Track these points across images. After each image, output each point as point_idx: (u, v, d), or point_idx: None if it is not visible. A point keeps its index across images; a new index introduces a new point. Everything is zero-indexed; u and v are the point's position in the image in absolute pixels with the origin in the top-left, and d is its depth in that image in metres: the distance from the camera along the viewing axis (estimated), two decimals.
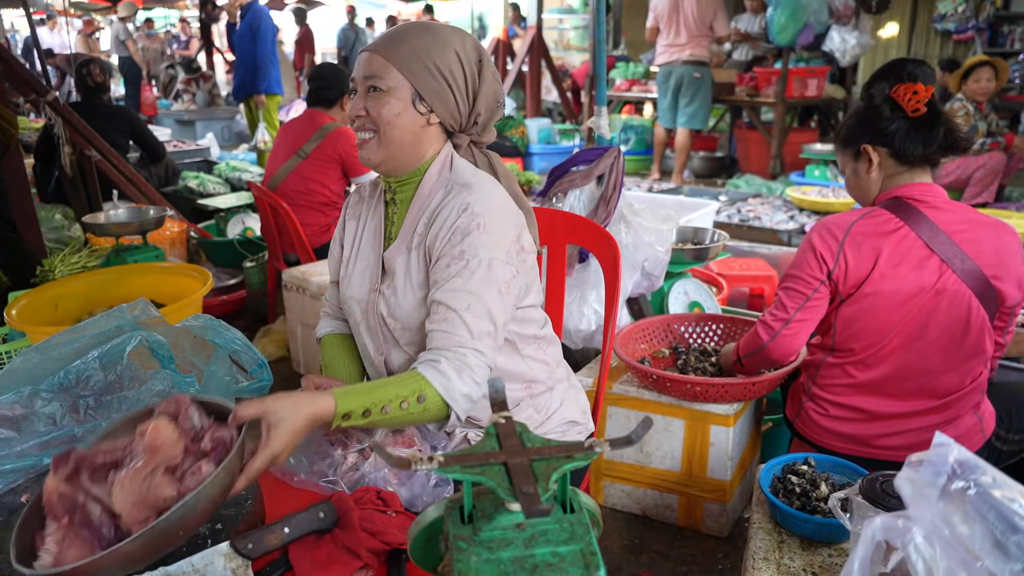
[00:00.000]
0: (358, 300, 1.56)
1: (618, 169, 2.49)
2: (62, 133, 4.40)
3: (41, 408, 1.44)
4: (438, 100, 1.43)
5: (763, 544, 1.61)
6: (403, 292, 1.47)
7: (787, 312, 1.95)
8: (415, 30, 1.44)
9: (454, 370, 1.33)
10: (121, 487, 1.10)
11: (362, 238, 1.60)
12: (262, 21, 7.07)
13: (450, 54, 1.42)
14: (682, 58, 7.13)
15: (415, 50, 1.41)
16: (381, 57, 1.41)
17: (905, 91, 1.81)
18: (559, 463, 0.90)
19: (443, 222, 1.42)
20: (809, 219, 5.66)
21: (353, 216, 1.64)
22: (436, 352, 1.36)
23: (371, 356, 1.58)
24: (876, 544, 0.76)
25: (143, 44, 12.93)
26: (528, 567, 0.85)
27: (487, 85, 1.48)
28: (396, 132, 1.43)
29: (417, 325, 1.47)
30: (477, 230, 1.39)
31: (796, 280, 1.94)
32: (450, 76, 1.43)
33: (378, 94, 1.42)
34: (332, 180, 3.64)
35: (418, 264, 1.46)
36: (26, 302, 2.72)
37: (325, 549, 1.21)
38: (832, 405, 1.98)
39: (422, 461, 0.87)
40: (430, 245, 1.43)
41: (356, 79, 1.45)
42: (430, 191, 1.48)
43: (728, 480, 2.29)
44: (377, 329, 1.54)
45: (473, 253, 1.38)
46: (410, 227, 1.49)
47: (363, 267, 1.57)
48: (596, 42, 2.64)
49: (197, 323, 1.68)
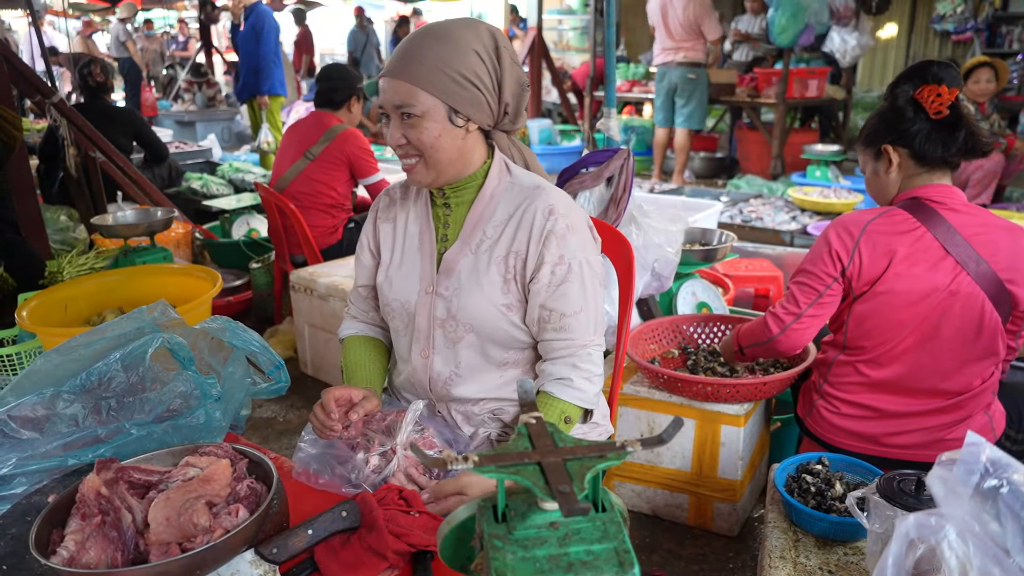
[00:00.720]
0: (404, 302, 1.57)
1: (628, 171, 2.50)
2: (67, 134, 4.41)
3: (63, 409, 1.45)
4: (472, 107, 1.42)
5: (779, 543, 1.62)
6: (468, 293, 1.49)
7: (799, 307, 1.97)
8: (429, 41, 1.39)
9: (584, 379, 1.48)
10: (167, 499, 1.13)
11: (405, 241, 1.59)
12: (265, 22, 7.08)
13: (471, 57, 1.39)
14: (676, 59, 7.17)
15: (436, 65, 1.37)
16: (406, 83, 1.38)
17: (929, 93, 1.82)
18: (592, 462, 0.91)
19: (531, 225, 1.45)
20: (811, 219, 5.68)
21: (386, 219, 1.63)
22: (561, 363, 1.49)
23: (411, 358, 1.58)
24: (909, 541, 0.77)
25: (142, 45, 12.93)
26: (563, 565, 0.86)
27: (508, 71, 1.44)
28: (441, 153, 1.43)
29: (485, 325, 1.50)
30: (569, 232, 1.45)
31: (809, 275, 1.95)
32: (476, 79, 1.40)
33: (413, 120, 1.40)
34: (339, 182, 3.65)
35: (487, 266, 1.49)
36: (36, 303, 2.72)
37: (351, 551, 1.21)
38: (843, 403, 2.00)
39: (457, 460, 0.88)
40: (519, 250, 1.46)
41: (386, 107, 1.43)
42: (492, 194, 1.51)
43: (739, 480, 2.31)
44: (427, 331, 1.54)
45: (572, 256, 1.46)
46: (473, 229, 1.51)
47: (411, 269, 1.56)
48: (606, 44, 2.65)
49: (215, 325, 1.68)
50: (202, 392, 1.49)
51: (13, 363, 2.81)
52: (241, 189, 5.95)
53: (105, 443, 1.39)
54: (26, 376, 1.49)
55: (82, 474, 1.31)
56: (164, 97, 11.65)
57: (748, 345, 2.13)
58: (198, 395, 1.49)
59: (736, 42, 8.50)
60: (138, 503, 1.17)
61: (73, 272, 3.35)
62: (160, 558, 1.08)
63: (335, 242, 3.75)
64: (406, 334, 1.59)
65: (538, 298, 1.47)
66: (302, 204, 3.61)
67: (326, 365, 3.46)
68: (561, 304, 1.46)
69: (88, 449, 1.39)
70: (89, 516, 1.12)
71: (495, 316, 1.49)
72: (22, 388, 1.46)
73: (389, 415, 1.50)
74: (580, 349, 1.49)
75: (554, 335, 1.49)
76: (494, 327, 1.50)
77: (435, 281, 1.53)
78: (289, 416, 3.28)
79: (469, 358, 1.53)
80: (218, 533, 1.11)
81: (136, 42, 12.23)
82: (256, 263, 4.23)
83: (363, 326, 1.74)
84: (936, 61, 1.90)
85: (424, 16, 14.32)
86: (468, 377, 1.55)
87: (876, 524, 1.35)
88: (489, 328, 1.50)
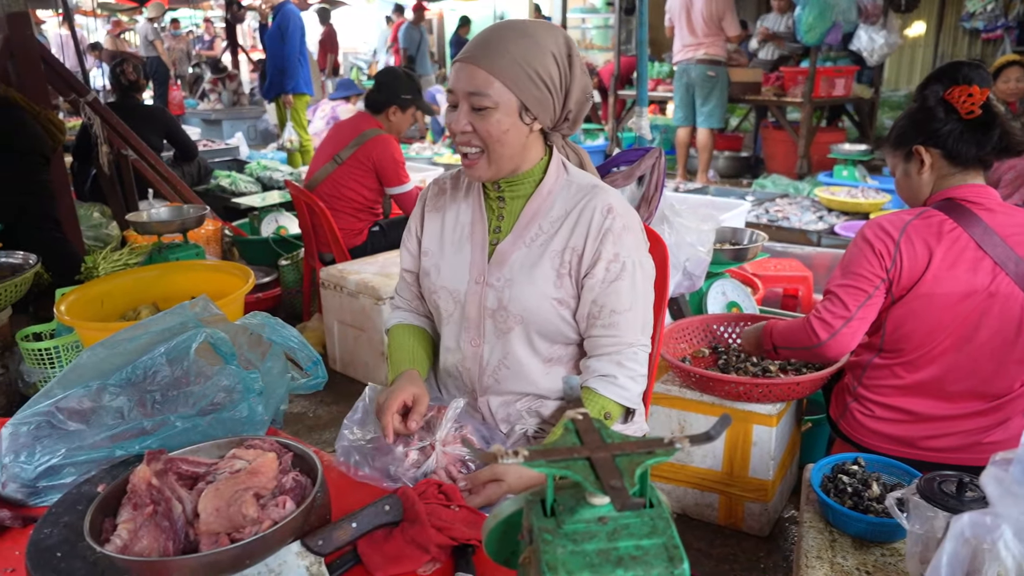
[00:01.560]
0: (452, 291, 1.59)
1: (659, 170, 2.50)
2: (100, 133, 4.47)
3: (109, 402, 1.47)
4: (540, 107, 1.44)
5: (815, 543, 1.62)
6: (520, 285, 1.51)
7: (848, 310, 1.92)
8: (512, 36, 1.41)
9: (629, 378, 1.49)
10: (216, 491, 1.16)
11: (454, 230, 1.61)
12: (290, 21, 7.14)
13: (548, 58, 1.42)
14: (696, 57, 7.15)
15: (517, 60, 1.39)
16: (484, 71, 1.39)
17: (960, 93, 1.81)
18: (641, 458, 0.92)
19: (589, 223, 1.48)
20: (839, 219, 5.63)
21: (435, 209, 1.65)
22: (607, 360, 1.49)
23: (460, 347, 1.61)
24: (964, 540, 0.77)
25: (169, 44, 13.07)
26: (613, 559, 0.87)
27: (577, 79, 1.47)
28: (505, 148, 1.44)
29: (536, 317, 1.52)
30: (625, 231, 1.48)
31: (857, 277, 1.91)
32: (550, 81, 1.42)
33: (485, 111, 1.41)
34: (367, 188, 3.66)
35: (540, 259, 1.51)
36: (74, 298, 2.77)
37: (394, 544, 1.23)
38: (878, 406, 1.98)
39: (507, 455, 0.90)
40: (576, 246, 1.49)
41: (456, 91, 1.43)
42: (549, 191, 1.53)
43: (770, 480, 2.30)
44: (477, 321, 1.56)
45: (627, 254, 1.48)
46: (528, 223, 1.53)
47: (461, 260, 1.58)
48: (638, 42, 2.65)
49: (255, 321, 1.71)
50: (244, 386, 1.51)
51: (51, 356, 2.87)
52: (269, 187, 6.01)
53: (151, 435, 1.42)
54: (73, 369, 1.52)
55: (129, 465, 1.33)
56: (190, 96, 11.78)
57: (785, 347, 2.10)
58: (240, 389, 1.51)
59: (762, 41, 8.44)
60: (187, 494, 1.20)
61: (108, 268, 3.40)
62: (210, 548, 1.10)
63: (360, 243, 3.77)
64: (454, 322, 1.61)
65: (591, 294, 1.49)
66: (330, 206, 3.63)
67: (355, 362, 3.49)
68: (612, 301, 1.48)
69: (135, 441, 1.41)
70: (141, 506, 1.14)
71: (546, 308, 1.51)
72: (69, 381, 1.49)
73: (429, 411, 1.52)
74: (627, 348, 1.50)
75: (602, 331, 1.51)
76: (544, 319, 1.52)
77: (486, 271, 1.55)
78: (319, 412, 3.31)
79: (517, 350, 1.56)
80: (266, 524, 1.13)
81: (163, 41, 12.36)
82: (285, 260, 4.27)
83: (409, 315, 1.75)
84: (965, 62, 1.88)
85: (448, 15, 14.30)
86: (515, 369, 1.57)
87: (916, 525, 1.35)
88: (539, 320, 1.52)
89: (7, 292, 2.86)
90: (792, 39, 7.82)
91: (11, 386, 3.07)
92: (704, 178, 7.61)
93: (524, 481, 1.40)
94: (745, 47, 8.59)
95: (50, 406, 1.44)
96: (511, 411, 1.61)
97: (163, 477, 1.18)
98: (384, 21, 15.95)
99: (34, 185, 3.61)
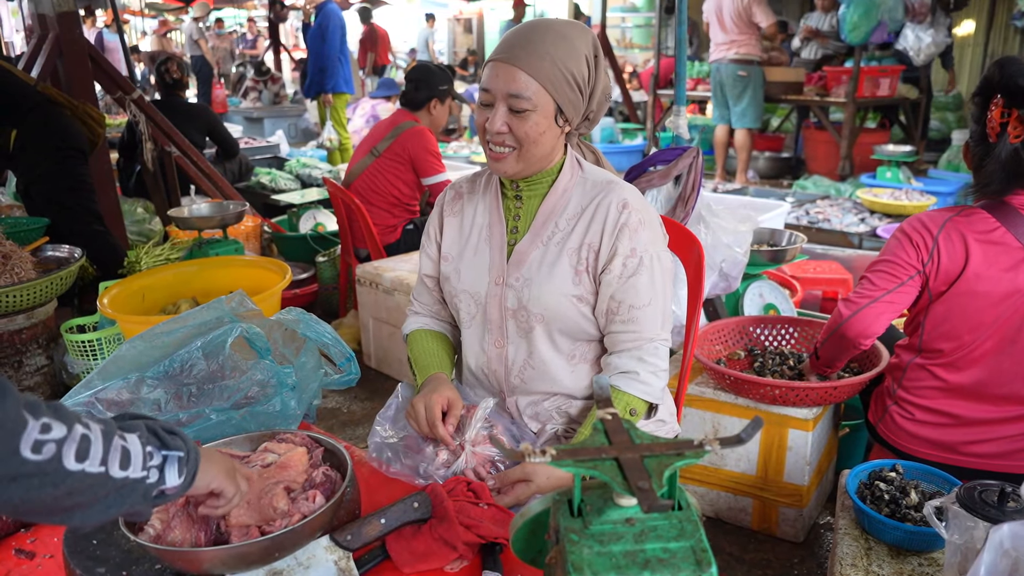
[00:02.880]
0: (473, 293, 1.59)
1: (697, 169, 2.48)
2: (145, 130, 4.56)
3: (147, 394, 1.50)
4: (574, 110, 1.45)
5: (850, 550, 1.59)
6: (538, 284, 1.51)
7: (875, 291, 1.89)
8: (551, 37, 1.41)
9: (651, 373, 1.48)
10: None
11: (472, 232, 1.61)
12: (331, 21, 7.22)
13: (581, 61, 1.43)
14: (728, 56, 7.06)
15: (556, 63, 1.39)
16: (524, 72, 1.39)
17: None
18: (670, 460, 0.91)
19: (604, 218, 1.48)
20: (881, 222, 5.53)
21: (453, 213, 1.65)
22: (628, 356, 1.48)
23: (484, 350, 1.61)
24: (1004, 552, 0.75)
25: (213, 43, 13.30)
26: (640, 561, 0.86)
27: (600, 80, 1.48)
28: (538, 149, 1.45)
29: (557, 315, 1.52)
30: (641, 226, 1.47)
31: (890, 264, 1.89)
32: (583, 84, 1.44)
33: (523, 113, 1.41)
34: (404, 181, 3.69)
35: (558, 257, 1.51)
36: (117, 292, 2.83)
37: (422, 540, 1.23)
38: (918, 409, 1.94)
39: (535, 454, 0.89)
40: (592, 242, 1.48)
41: (493, 91, 1.42)
42: (564, 189, 1.53)
43: (806, 485, 2.26)
44: (499, 322, 1.57)
45: (644, 249, 1.47)
46: (545, 222, 1.53)
47: (480, 261, 1.59)
48: (677, 41, 2.63)
49: (290, 316, 1.72)
50: (278, 381, 1.53)
51: (94, 348, 2.93)
52: (308, 184, 6.08)
53: (186, 427, 1.44)
54: (112, 361, 1.55)
55: None
56: (233, 94, 11.98)
57: (821, 341, 2.07)
58: (274, 384, 1.53)
59: (805, 39, 8.31)
60: None
61: (150, 262, 3.47)
62: (240, 540, 1.12)
63: (394, 241, 3.80)
64: (477, 325, 1.61)
65: (609, 289, 1.49)
66: (367, 200, 3.67)
67: (389, 358, 3.51)
68: (631, 296, 1.48)
69: None
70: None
71: (566, 306, 1.51)
72: (108, 372, 1.53)
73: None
74: (647, 343, 1.50)
75: (621, 327, 1.50)
76: (564, 317, 1.52)
77: (505, 272, 1.55)
78: (352, 407, 3.34)
79: (541, 349, 1.55)
80: (296, 518, 1.14)
81: (208, 40, 12.58)
82: (322, 257, 4.31)
83: (428, 320, 1.75)
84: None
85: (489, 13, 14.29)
86: (540, 368, 1.56)
87: (955, 535, 1.32)
88: (560, 318, 1.52)
89: (53, 285, 2.93)
90: (836, 38, 7.69)
91: (55, 377, 3.15)
92: (743, 178, 7.51)
93: (553, 481, 1.40)
94: (787, 46, 8.47)
95: (90, 397, 1.47)
96: (539, 410, 1.60)
97: None
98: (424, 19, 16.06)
99: (74, 180, 3.68)
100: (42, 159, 3.58)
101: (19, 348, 2.97)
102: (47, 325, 3.08)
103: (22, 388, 3.03)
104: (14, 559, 1.23)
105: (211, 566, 1.08)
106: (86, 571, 1.12)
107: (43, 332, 3.05)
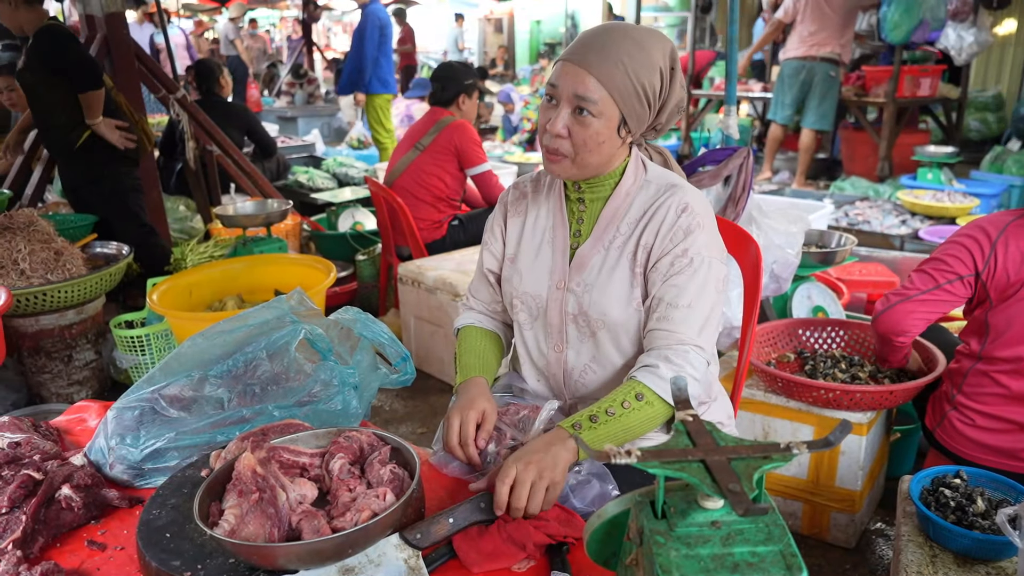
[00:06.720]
0: (534, 296, 1.56)
1: (747, 170, 2.45)
2: (187, 129, 4.61)
3: (210, 392, 1.51)
4: (636, 123, 1.41)
5: (914, 558, 1.56)
6: (599, 288, 1.48)
7: (911, 289, 1.91)
8: (627, 45, 1.36)
9: (673, 371, 1.35)
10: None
11: (534, 235, 1.59)
12: (368, 21, 7.24)
13: (655, 74, 1.37)
14: (820, 54, 6.84)
15: (628, 73, 1.35)
16: (595, 77, 1.35)
17: None
18: (757, 463, 0.90)
19: (662, 220, 1.44)
20: (923, 224, 5.44)
21: (516, 212, 1.63)
22: (656, 354, 1.39)
23: (543, 352, 1.59)
24: None
25: (247, 43, 13.44)
26: (728, 565, 0.85)
27: (675, 94, 1.43)
28: (593, 156, 1.41)
29: (617, 322, 1.48)
30: (698, 229, 1.42)
31: (937, 264, 1.90)
32: (652, 97, 1.39)
33: (586, 118, 1.37)
34: (448, 174, 3.71)
35: (618, 261, 1.48)
36: (165, 288, 2.87)
37: (490, 540, 1.22)
38: (979, 415, 1.91)
39: (620, 455, 0.88)
40: (647, 243, 1.45)
41: (562, 90, 1.38)
42: (627, 192, 1.50)
43: (858, 490, 2.23)
44: (559, 326, 1.54)
45: (696, 252, 1.41)
46: (606, 225, 1.50)
47: (542, 264, 1.56)
48: (728, 40, 2.60)
49: (347, 316, 1.73)
50: (340, 380, 1.54)
51: (142, 344, 2.97)
52: (344, 183, 6.12)
53: (249, 423, 1.45)
54: (174, 358, 1.57)
55: None
56: (268, 94, 12.08)
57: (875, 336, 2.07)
58: (336, 383, 1.53)
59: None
60: (289, 482, 1.22)
61: (195, 260, 3.51)
62: (312, 536, 1.12)
63: (439, 238, 3.81)
64: (537, 327, 1.59)
65: (653, 288, 1.45)
66: (411, 195, 3.68)
67: (431, 357, 3.52)
68: (671, 294, 1.41)
69: (235, 427, 1.45)
70: (246, 493, 1.16)
71: (626, 312, 1.47)
72: (170, 369, 1.54)
73: (523, 409, 1.51)
74: (677, 344, 1.39)
75: (656, 324, 1.42)
76: (625, 322, 1.48)
77: (567, 276, 1.52)
78: (395, 406, 3.35)
79: (601, 353, 1.52)
80: (366, 515, 1.14)
81: (243, 40, 12.71)
82: (362, 255, 4.34)
83: (482, 317, 1.73)
84: None
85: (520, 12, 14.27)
86: (601, 373, 1.54)
87: None
88: (620, 323, 1.48)
89: (103, 281, 2.98)
90: (875, 37, 7.57)
91: (103, 371, 3.19)
92: (802, 180, 7.35)
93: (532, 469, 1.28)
94: None
95: (153, 393, 1.49)
96: None
97: (267, 465, 1.20)
98: (454, 19, 16.11)
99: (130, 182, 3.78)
100: (106, 159, 3.66)
101: (69, 343, 3.02)
102: (96, 320, 3.13)
103: (71, 383, 3.08)
104: (86, 550, 1.24)
105: (285, 561, 1.09)
106: (161, 563, 1.13)
107: (92, 327, 3.10)
